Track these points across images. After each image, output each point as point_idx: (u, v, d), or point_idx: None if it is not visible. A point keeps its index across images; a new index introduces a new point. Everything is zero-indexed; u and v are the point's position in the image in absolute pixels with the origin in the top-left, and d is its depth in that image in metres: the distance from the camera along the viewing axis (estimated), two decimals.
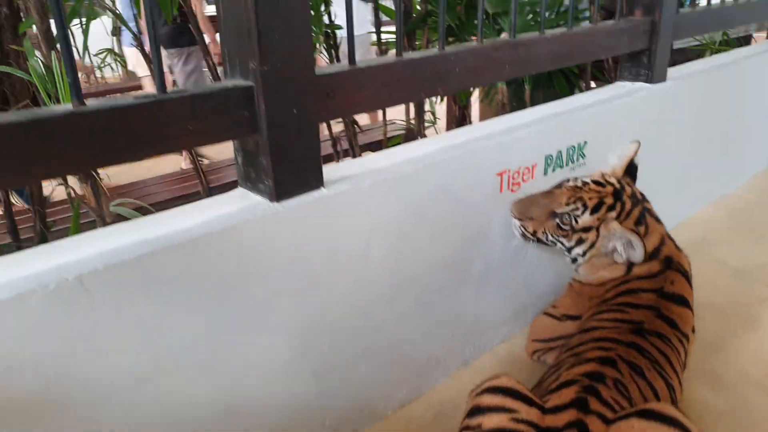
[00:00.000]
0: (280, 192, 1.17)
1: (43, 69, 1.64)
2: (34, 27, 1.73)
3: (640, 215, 1.50)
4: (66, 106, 0.95)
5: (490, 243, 1.67)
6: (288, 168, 1.17)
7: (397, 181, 1.36)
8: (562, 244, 1.52)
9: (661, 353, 1.31)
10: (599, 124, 1.92)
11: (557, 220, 1.49)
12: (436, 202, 1.47)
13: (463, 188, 1.53)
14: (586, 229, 1.48)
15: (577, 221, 1.48)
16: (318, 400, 1.37)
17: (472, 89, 2.90)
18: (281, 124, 1.13)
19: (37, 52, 1.69)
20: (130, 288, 1.00)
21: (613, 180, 1.54)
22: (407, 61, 1.36)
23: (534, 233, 1.53)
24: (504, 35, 1.77)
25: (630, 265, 1.48)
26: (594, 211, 1.47)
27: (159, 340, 1.06)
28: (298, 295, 1.24)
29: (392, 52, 1.46)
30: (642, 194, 1.58)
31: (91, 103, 0.96)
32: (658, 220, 1.56)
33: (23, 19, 1.88)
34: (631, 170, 1.64)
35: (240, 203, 1.18)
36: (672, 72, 2.28)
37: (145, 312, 1.03)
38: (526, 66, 1.68)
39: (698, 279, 1.61)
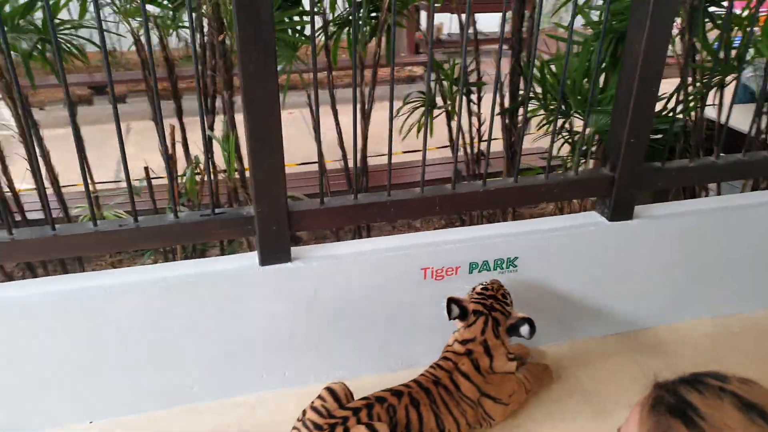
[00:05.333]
0: (264, 261, 2.40)
1: None
2: None
3: (476, 315, 2.38)
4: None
5: (414, 308, 2.69)
6: (268, 250, 2.38)
7: (337, 263, 2.49)
8: None
9: (442, 400, 2.25)
10: (533, 246, 2.72)
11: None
12: (375, 278, 2.56)
13: (397, 274, 2.58)
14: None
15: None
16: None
17: None
18: (268, 234, 2.35)
19: None
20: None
21: (493, 293, 2.46)
22: (359, 204, 2.45)
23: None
24: (448, 186, 2.67)
25: (454, 341, 2.42)
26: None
27: None
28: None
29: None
30: (501, 315, 2.39)
31: None
32: (485, 331, 2.34)
33: None
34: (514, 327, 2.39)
35: (247, 262, 2.46)
36: (654, 210, 2.89)
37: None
38: (457, 207, 2.62)
39: None
